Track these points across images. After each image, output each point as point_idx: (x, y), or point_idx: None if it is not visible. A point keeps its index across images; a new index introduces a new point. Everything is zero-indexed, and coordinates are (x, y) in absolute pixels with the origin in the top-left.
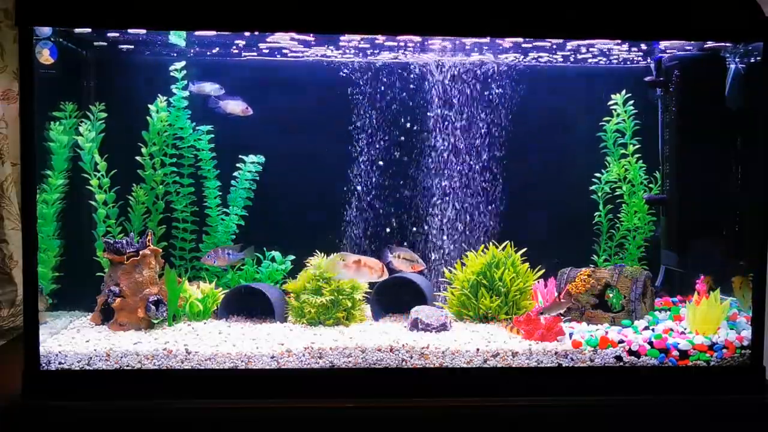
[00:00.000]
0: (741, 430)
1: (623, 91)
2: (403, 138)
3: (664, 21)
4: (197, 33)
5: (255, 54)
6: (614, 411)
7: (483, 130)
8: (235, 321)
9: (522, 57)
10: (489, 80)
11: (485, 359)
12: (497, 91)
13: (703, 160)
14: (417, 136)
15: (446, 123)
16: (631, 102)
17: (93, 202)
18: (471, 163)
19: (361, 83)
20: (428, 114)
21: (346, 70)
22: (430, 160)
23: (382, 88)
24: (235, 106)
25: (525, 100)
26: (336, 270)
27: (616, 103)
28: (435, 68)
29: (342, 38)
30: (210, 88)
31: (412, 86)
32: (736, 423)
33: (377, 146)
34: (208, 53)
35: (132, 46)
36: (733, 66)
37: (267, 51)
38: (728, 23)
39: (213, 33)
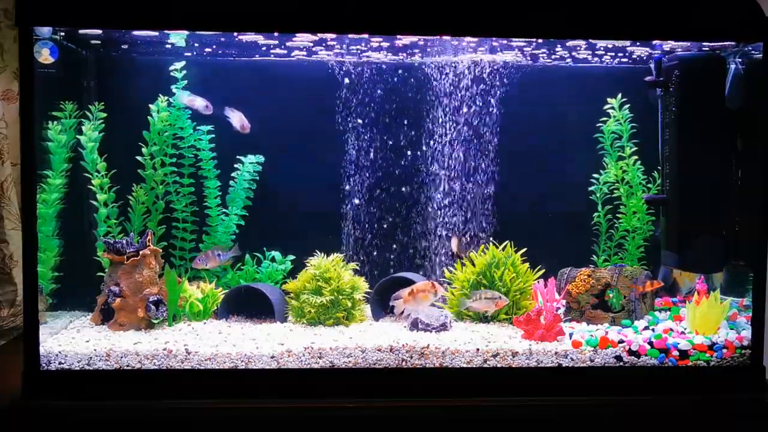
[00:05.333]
0: (741, 430)
1: (619, 95)
2: (402, 137)
3: (664, 21)
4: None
5: (257, 54)
6: (614, 411)
7: (484, 131)
8: (235, 321)
9: (523, 57)
10: (490, 80)
11: (485, 359)
12: (499, 91)
13: (703, 160)
14: (417, 135)
15: (447, 124)
16: (627, 106)
17: (94, 202)
18: (472, 163)
19: (362, 82)
20: (428, 115)
21: (347, 70)
22: (430, 160)
23: (383, 87)
24: (237, 121)
25: (525, 100)
26: (399, 310)
27: (612, 107)
28: (433, 67)
29: (347, 37)
30: (200, 103)
31: (411, 84)
32: (736, 423)
33: (377, 145)
34: (209, 52)
35: (132, 46)
36: (733, 66)
37: (264, 50)
38: (728, 23)
39: (213, 33)
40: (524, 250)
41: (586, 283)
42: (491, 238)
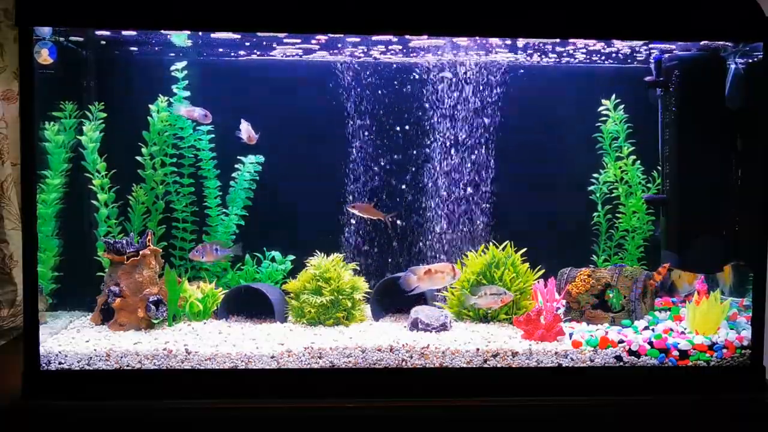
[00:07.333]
0: (741, 430)
1: (612, 96)
2: (402, 137)
3: (664, 21)
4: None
5: (258, 54)
6: (614, 411)
7: (484, 131)
8: (235, 321)
9: (524, 57)
10: (489, 80)
11: (485, 359)
12: (499, 91)
13: (703, 160)
14: (416, 136)
15: (447, 124)
16: (622, 107)
17: (95, 202)
18: (471, 164)
19: (359, 83)
20: (428, 115)
21: (344, 70)
22: (429, 161)
23: (381, 87)
24: (245, 132)
25: (525, 100)
26: (411, 285)
27: (607, 109)
28: (431, 67)
29: (349, 37)
30: (199, 113)
31: (408, 85)
32: (736, 423)
33: (377, 145)
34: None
35: (132, 46)
36: (733, 66)
37: (265, 48)
38: (728, 23)
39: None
40: (524, 250)
41: (586, 283)
42: (491, 239)
